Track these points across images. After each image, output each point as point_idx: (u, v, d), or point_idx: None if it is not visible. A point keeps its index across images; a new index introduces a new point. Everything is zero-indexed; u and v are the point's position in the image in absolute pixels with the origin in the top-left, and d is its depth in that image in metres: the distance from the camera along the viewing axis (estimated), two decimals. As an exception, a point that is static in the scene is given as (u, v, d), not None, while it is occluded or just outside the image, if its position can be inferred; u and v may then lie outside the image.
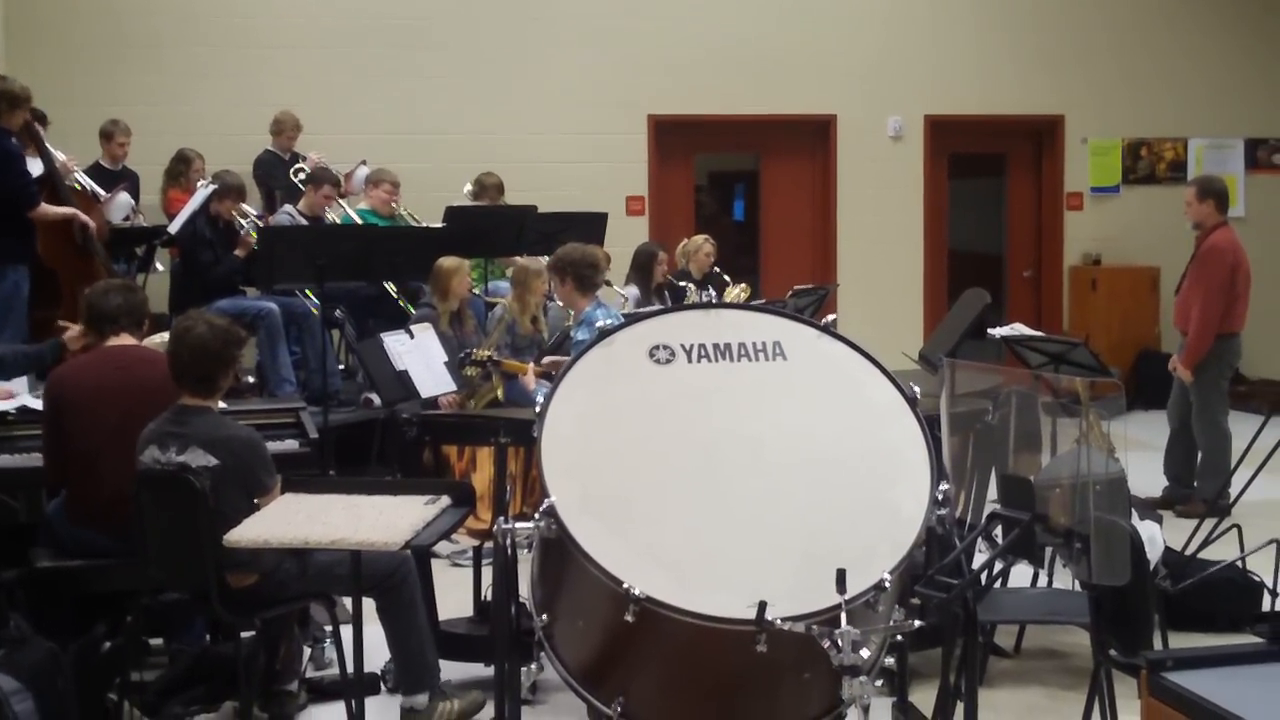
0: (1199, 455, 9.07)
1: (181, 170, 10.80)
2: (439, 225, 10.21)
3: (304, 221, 10.08)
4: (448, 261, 9.08)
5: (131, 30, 11.92)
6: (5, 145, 8.28)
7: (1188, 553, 6.43)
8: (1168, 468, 9.25)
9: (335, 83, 12.19)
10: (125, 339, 5.83)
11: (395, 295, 10.23)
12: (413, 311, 9.78)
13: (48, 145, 8.96)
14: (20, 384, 6.62)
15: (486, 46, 12.50)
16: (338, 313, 9.95)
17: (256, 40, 12.15)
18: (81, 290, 8.39)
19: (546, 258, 9.09)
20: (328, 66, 12.21)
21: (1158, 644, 5.21)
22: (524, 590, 4.24)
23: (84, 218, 8.63)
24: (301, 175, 11.07)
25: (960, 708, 4.32)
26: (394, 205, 10.89)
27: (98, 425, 5.54)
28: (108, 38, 11.87)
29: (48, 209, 8.44)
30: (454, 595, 6.36)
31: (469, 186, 11.49)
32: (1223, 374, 9.07)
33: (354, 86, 12.23)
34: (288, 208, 10.41)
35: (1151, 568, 5.06)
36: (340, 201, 10.69)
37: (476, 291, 9.76)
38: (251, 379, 9.62)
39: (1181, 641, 5.89)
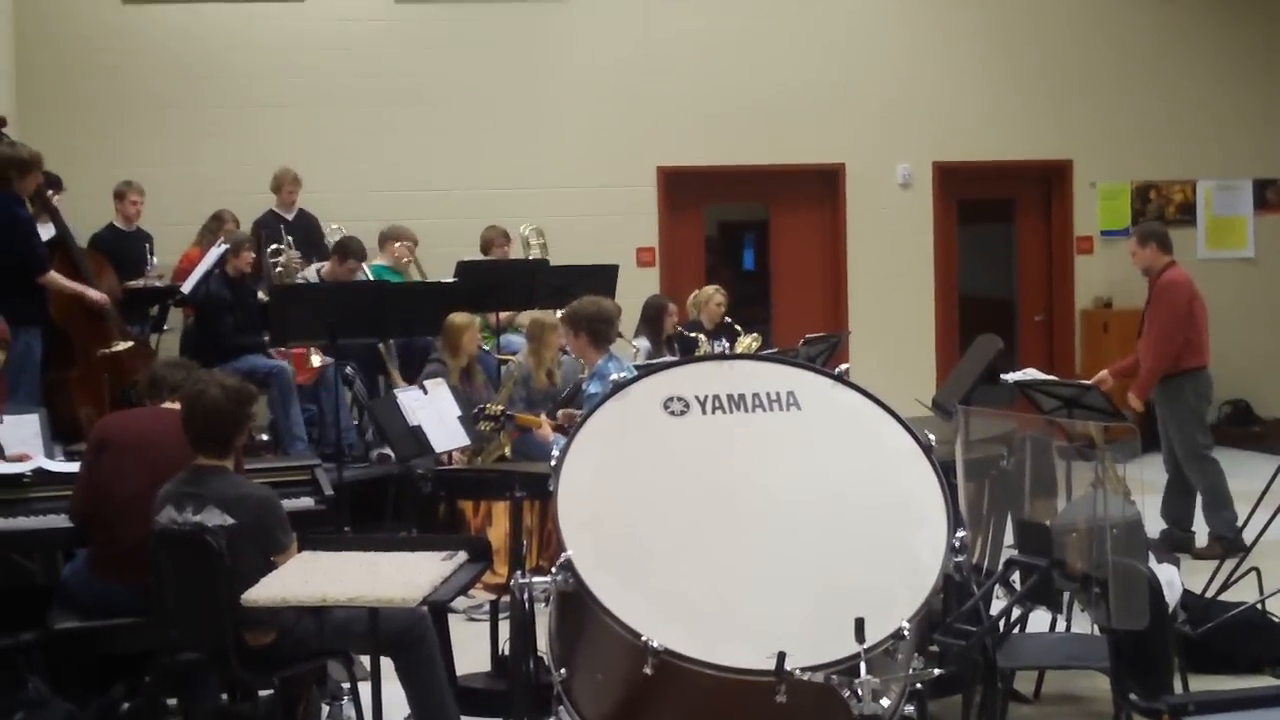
0: (1199, 496, 9.04)
1: (214, 228, 10.83)
2: (450, 280, 10.24)
3: (322, 286, 10.09)
4: (458, 318, 9.11)
5: (135, 93, 11.98)
6: (16, 211, 8.28)
7: (1208, 595, 6.41)
8: (1165, 511, 9.20)
9: (342, 140, 12.24)
10: (178, 406, 5.90)
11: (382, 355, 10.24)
12: (393, 371, 9.88)
13: (61, 215, 9.00)
14: (36, 446, 6.64)
15: (494, 101, 12.55)
16: (348, 369, 9.97)
17: (261, 100, 12.20)
18: (94, 351, 8.52)
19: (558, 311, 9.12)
20: (334, 124, 12.25)
21: (1178, 687, 5.19)
22: (542, 644, 4.24)
23: (94, 296, 8.63)
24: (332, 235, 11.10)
25: (982, 755, 4.31)
26: (410, 261, 10.91)
27: (135, 474, 5.58)
28: (110, 101, 11.93)
29: (58, 279, 8.43)
30: (471, 650, 6.34)
31: (528, 232, 11.70)
32: (1199, 408, 9.05)
33: (361, 144, 12.28)
34: (315, 268, 10.49)
35: (1170, 611, 5.04)
36: (365, 270, 10.65)
37: (486, 348, 9.77)
38: (265, 436, 9.64)
39: (1201, 683, 5.87)
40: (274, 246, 10.42)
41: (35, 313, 8.25)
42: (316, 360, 9.49)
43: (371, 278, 10.52)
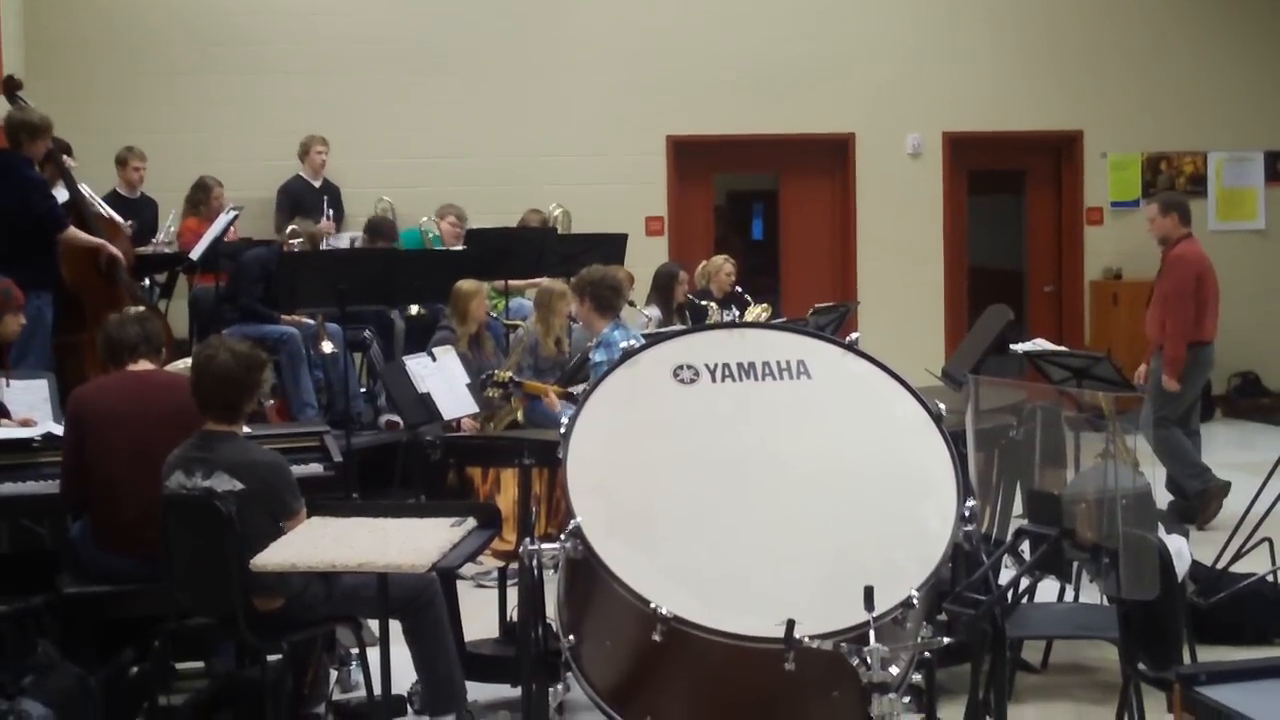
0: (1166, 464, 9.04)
1: (201, 198, 10.81)
2: (459, 248, 10.21)
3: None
4: (466, 284, 9.10)
5: (145, 59, 11.92)
6: (27, 173, 8.30)
7: (1218, 566, 6.40)
8: (1169, 480, 9.18)
9: (351, 108, 12.19)
10: (144, 365, 5.86)
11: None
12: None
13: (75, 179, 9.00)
14: (45, 411, 6.64)
15: (504, 70, 12.51)
16: (366, 333, 9.98)
17: (270, 67, 12.15)
18: (106, 316, 8.48)
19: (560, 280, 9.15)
20: (343, 92, 12.21)
21: (1186, 658, 5.19)
22: (551, 611, 4.24)
23: (112, 249, 8.63)
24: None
25: (989, 724, 4.31)
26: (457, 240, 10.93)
27: (117, 447, 5.56)
28: (122, 67, 11.88)
29: (77, 234, 8.45)
30: (479, 616, 6.35)
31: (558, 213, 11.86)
32: (1191, 383, 9.02)
33: (370, 111, 12.24)
34: (349, 236, 10.58)
35: (1179, 581, 5.03)
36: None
37: (495, 314, 9.76)
38: (271, 402, 9.63)
39: (1209, 654, 5.87)
40: (291, 228, 10.37)
41: (46, 277, 8.25)
42: (328, 347, 9.48)
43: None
